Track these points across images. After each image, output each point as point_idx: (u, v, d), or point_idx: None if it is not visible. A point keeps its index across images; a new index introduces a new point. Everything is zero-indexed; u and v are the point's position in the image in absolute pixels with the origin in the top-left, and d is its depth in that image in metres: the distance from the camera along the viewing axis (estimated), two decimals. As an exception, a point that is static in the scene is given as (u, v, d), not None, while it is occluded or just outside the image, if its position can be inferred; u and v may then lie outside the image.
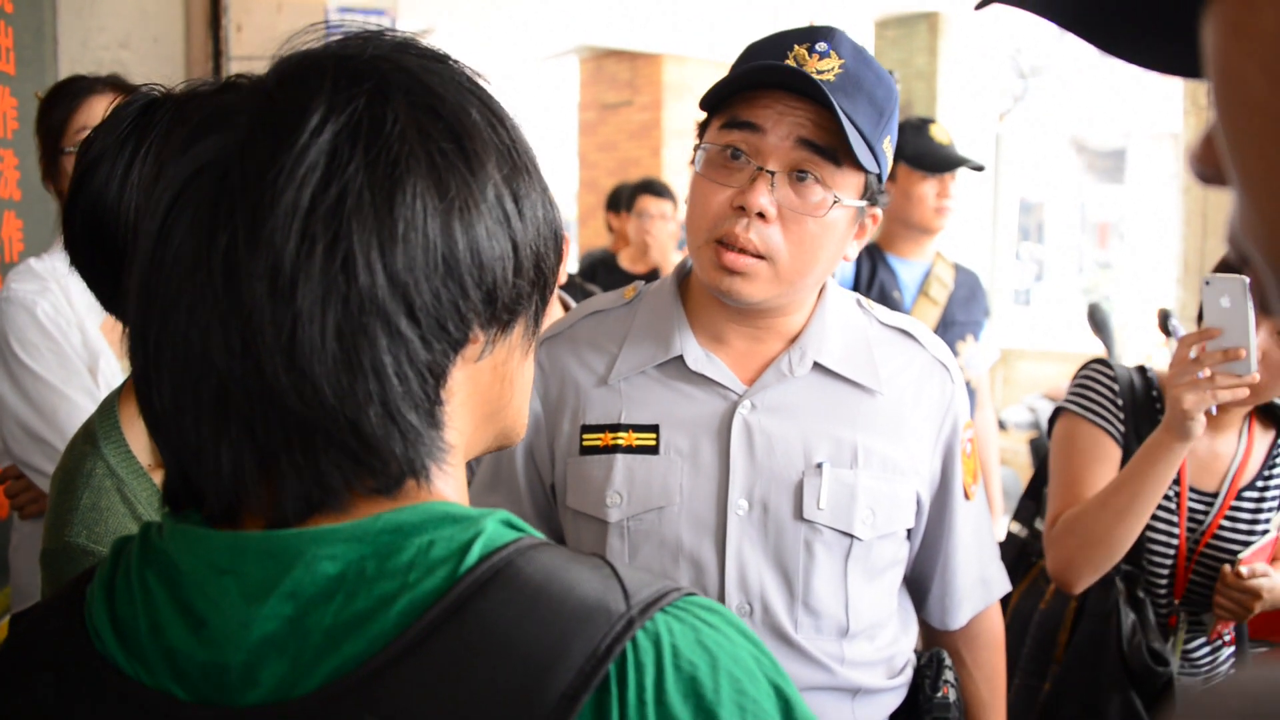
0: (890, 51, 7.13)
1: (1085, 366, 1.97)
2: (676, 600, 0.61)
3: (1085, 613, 1.88)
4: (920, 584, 1.44)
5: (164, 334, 0.59)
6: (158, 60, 3.70)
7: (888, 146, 1.26)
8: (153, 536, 0.64)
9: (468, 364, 0.64)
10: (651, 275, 4.38)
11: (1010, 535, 2.13)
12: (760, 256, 1.21)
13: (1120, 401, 1.88)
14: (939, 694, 1.36)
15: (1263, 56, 0.34)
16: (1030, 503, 2.14)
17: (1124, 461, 1.84)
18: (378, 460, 0.59)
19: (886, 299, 2.78)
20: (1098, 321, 4.35)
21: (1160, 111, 10.60)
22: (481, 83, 0.67)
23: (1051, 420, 1.98)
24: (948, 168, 2.76)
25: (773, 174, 1.20)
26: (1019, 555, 2.09)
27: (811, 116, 1.19)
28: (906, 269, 2.87)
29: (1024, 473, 5.52)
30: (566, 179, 9.68)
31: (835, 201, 1.21)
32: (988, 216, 7.96)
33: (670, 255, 4.45)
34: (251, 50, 3.72)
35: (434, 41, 0.69)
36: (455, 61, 0.67)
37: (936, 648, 1.42)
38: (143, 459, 1.15)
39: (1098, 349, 5.20)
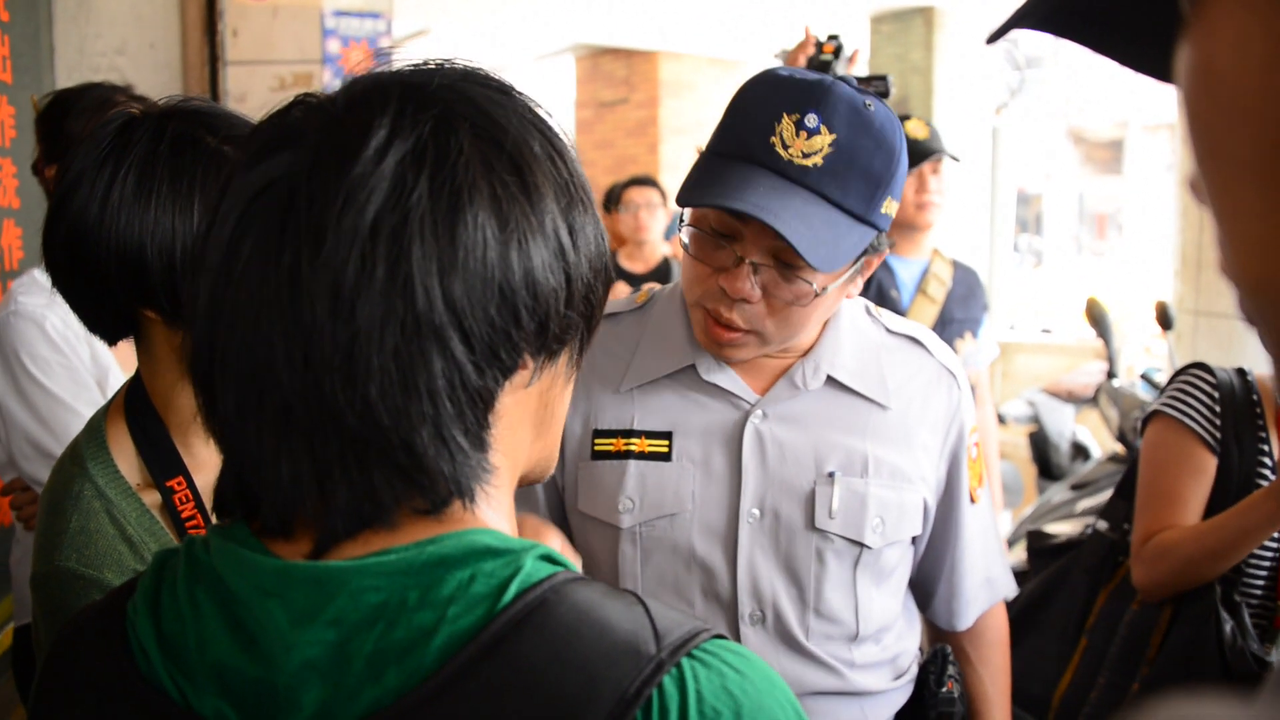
0: (886, 47, 7.13)
1: (1184, 370, 1.97)
2: (706, 643, 0.61)
3: (1180, 616, 1.89)
4: (927, 586, 1.45)
5: (230, 345, 0.60)
6: (154, 66, 3.69)
7: (888, 206, 1.21)
8: (199, 552, 0.65)
9: (516, 390, 0.65)
10: (650, 274, 4.36)
11: (1097, 533, 2.16)
12: (747, 331, 1.22)
13: (1219, 408, 1.88)
14: (943, 689, 1.37)
15: (1222, 103, 0.35)
16: (1121, 502, 2.14)
17: (1220, 469, 1.86)
18: (427, 479, 0.60)
19: (884, 298, 2.78)
20: (1095, 316, 4.35)
21: (1157, 102, 10.60)
22: (543, 114, 0.68)
23: (1145, 422, 1.97)
24: (916, 161, 2.75)
25: (755, 264, 1.18)
26: (1106, 555, 2.11)
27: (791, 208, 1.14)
28: (904, 267, 2.87)
29: (1024, 466, 5.52)
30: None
31: (818, 294, 1.19)
32: (985, 208, 7.96)
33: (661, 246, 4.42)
34: (248, 55, 3.72)
35: (430, 43, 0.69)
36: (519, 94, 0.68)
37: (940, 644, 1.44)
38: (130, 479, 1.13)
39: (1097, 343, 5.20)
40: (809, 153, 1.15)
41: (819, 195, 1.15)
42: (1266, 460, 1.88)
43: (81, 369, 1.89)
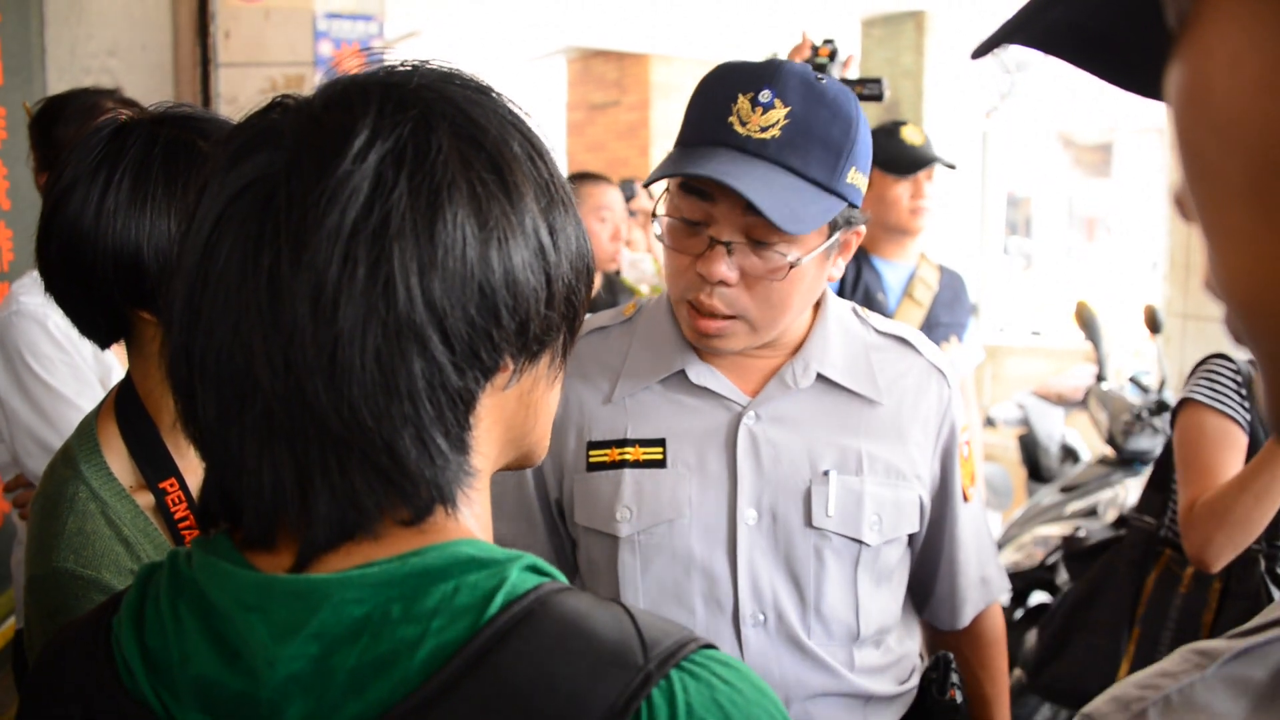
0: (877, 50, 7.15)
1: (1208, 360, 2.08)
2: (694, 654, 0.61)
3: (1230, 593, 1.99)
4: (924, 586, 1.46)
5: (209, 350, 0.59)
6: (146, 68, 3.69)
7: (854, 177, 1.22)
8: (181, 566, 0.65)
9: (496, 392, 0.65)
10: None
11: (1136, 527, 2.24)
12: (731, 317, 1.23)
13: (1244, 391, 2.00)
14: (946, 697, 1.38)
15: (1215, 123, 0.35)
16: (1156, 495, 2.23)
17: (1251, 446, 1.97)
18: (409, 484, 0.60)
19: (871, 301, 2.79)
20: (1085, 320, 4.37)
21: (1146, 106, 10.64)
22: (522, 115, 0.68)
23: (1175, 411, 2.07)
24: (915, 168, 2.79)
25: (728, 243, 1.19)
26: (1148, 545, 2.19)
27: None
28: (891, 271, 2.89)
29: (1013, 469, 5.54)
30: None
31: (793, 265, 1.20)
32: (975, 212, 7.99)
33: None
34: (240, 58, 3.72)
35: (421, 44, 0.69)
36: (498, 94, 0.68)
37: (943, 651, 1.44)
38: (124, 480, 1.13)
39: (1086, 346, 5.22)
40: (765, 126, 1.17)
41: (780, 166, 1.17)
42: None
43: (84, 366, 1.90)
